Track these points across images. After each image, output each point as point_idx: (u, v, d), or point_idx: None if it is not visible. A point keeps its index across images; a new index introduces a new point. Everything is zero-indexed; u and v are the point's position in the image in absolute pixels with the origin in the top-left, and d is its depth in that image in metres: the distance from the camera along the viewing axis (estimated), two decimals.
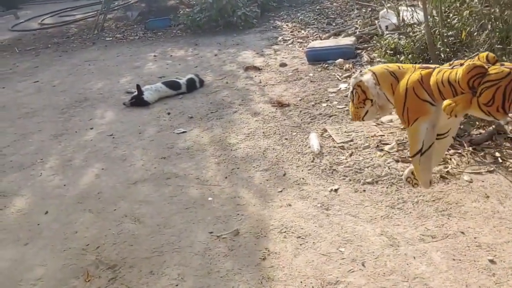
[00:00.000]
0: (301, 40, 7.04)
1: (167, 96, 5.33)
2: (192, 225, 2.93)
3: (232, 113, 4.69)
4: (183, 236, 2.83)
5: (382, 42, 5.55)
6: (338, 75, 5.34)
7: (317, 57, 5.92)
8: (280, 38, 7.39)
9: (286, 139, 3.99)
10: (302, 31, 7.62)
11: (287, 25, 8.32)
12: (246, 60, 6.43)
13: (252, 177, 3.44)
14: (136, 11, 10.42)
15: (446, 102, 2.04)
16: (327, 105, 4.57)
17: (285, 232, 2.77)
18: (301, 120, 4.33)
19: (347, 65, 5.55)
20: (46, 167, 3.94)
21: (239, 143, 4.00)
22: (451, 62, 2.19)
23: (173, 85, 5.39)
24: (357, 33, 6.70)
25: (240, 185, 3.35)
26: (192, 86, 5.47)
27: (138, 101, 5.12)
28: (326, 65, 5.68)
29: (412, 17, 6.00)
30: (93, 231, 2.97)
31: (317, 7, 9.64)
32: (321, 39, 6.92)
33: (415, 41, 4.80)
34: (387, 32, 6.15)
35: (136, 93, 5.28)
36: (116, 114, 4.98)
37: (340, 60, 5.67)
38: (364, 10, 8.54)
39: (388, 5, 6.50)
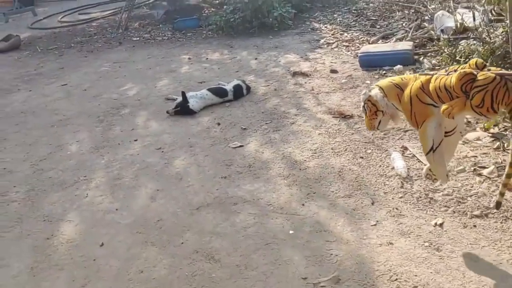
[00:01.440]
0: (346, 44, 6.56)
1: (212, 104, 4.86)
2: (278, 267, 2.47)
3: (290, 124, 4.23)
4: (271, 282, 2.37)
5: (445, 47, 5.04)
6: None
7: (371, 63, 5.45)
8: (322, 41, 6.91)
9: (361, 157, 3.52)
10: (345, 34, 7.13)
11: (326, 27, 7.84)
12: (290, 65, 5.97)
13: (334, 205, 2.97)
14: (162, 10, 9.97)
15: (443, 106, 2.30)
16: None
17: (396, 280, 2.31)
18: (372, 134, 3.85)
19: (408, 72, 5.05)
20: (91, 186, 3.49)
21: (307, 161, 3.54)
22: (446, 69, 2.42)
23: (219, 92, 4.94)
24: (409, 37, 6.19)
25: (323, 215, 2.88)
26: (239, 93, 5.02)
27: (183, 110, 4.68)
28: (384, 72, 5.20)
29: (474, 20, 5.53)
30: (161, 271, 2.52)
31: (353, 8, 9.15)
32: (368, 43, 6.44)
33: (494, 48, 4.30)
34: (445, 36, 5.66)
35: (179, 100, 4.83)
36: (160, 124, 4.52)
37: (399, 67, 5.19)
38: (407, 12, 8.06)
39: (439, 9, 6.01)
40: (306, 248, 2.60)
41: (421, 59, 5.47)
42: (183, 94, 4.70)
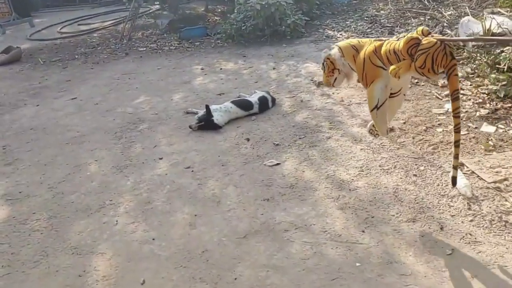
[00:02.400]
0: None
1: (237, 118, 4.56)
2: None
3: (326, 139, 3.93)
4: None
5: (479, 54, 4.78)
6: (435, 92, 4.59)
7: None
8: None
9: (414, 175, 3.23)
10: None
11: (341, 34, 7.58)
12: (311, 75, 5.69)
13: (399, 231, 2.67)
14: (166, 19, 9.68)
15: (392, 67, 2.56)
16: (443, 130, 3.83)
17: None
18: (420, 149, 3.57)
19: (442, 81, 4.79)
20: (120, 212, 3.15)
21: (355, 180, 3.23)
22: (397, 35, 2.81)
23: (244, 104, 4.64)
24: None
25: (389, 243, 2.57)
26: (265, 105, 4.72)
27: (207, 125, 4.37)
28: (416, 81, 4.91)
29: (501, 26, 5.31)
30: None
31: (364, 14, 8.93)
32: None
33: None
34: (473, 43, 5.41)
35: (201, 114, 4.53)
36: (184, 140, 4.20)
37: None
38: (422, 19, 7.84)
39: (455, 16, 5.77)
40: (380, 284, 2.29)
41: None
42: (207, 107, 4.39)
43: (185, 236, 2.83)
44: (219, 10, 11.92)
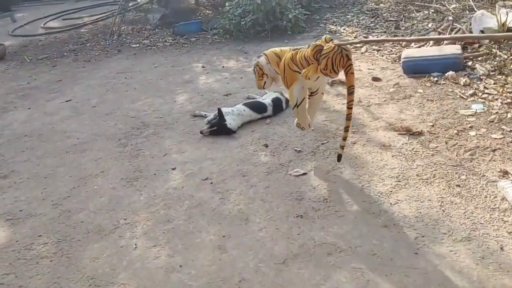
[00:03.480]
0: (377, 47, 6.02)
1: (250, 121, 4.25)
2: None
3: (351, 144, 3.66)
4: None
5: (501, 50, 4.54)
6: (458, 92, 4.35)
7: (417, 69, 4.94)
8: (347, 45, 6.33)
9: (457, 185, 2.98)
10: (370, 37, 6.60)
11: (344, 29, 7.30)
12: None
13: (455, 252, 2.43)
14: (158, 14, 9.26)
15: (303, 71, 3.08)
16: (476, 134, 3.58)
17: None
18: (457, 155, 3.32)
19: (463, 80, 4.55)
20: (137, 233, 2.83)
21: (394, 192, 2.97)
22: (309, 44, 3.19)
23: (257, 106, 4.33)
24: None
25: (447, 267, 2.32)
26: (279, 107, 4.43)
27: (220, 129, 4.05)
28: (435, 79, 4.69)
29: None
30: None
31: (364, 8, 8.66)
32: (401, 46, 5.92)
33: None
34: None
35: (211, 117, 4.23)
36: (196, 148, 3.88)
37: (451, 73, 4.69)
38: (426, 12, 7.61)
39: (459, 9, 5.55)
40: None
41: (469, 64, 4.96)
42: (220, 111, 4.08)
43: (215, 261, 2.53)
44: (210, 3, 11.54)
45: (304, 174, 3.33)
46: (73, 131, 4.51)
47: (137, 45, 7.93)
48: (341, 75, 3.21)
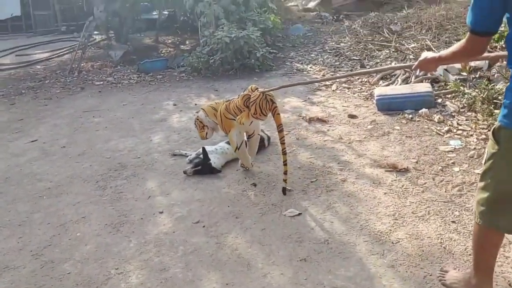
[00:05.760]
0: (347, 85, 6.18)
1: (233, 159, 4.18)
2: None
3: (341, 182, 3.66)
4: None
5: (479, 89, 4.76)
6: (434, 128, 4.50)
7: (391, 106, 5.09)
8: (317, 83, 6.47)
9: (453, 222, 3.02)
10: (337, 75, 6.76)
11: (311, 67, 7.47)
12: (297, 110, 5.46)
13: None
14: (120, 51, 9.12)
15: (237, 118, 3.57)
16: (460, 170, 3.69)
17: None
18: (445, 191, 3.39)
19: (437, 116, 4.72)
20: (132, 283, 2.64)
21: (394, 231, 2.97)
22: (239, 94, 3.70)
23: None
24: (413, 77, 5.94)
25: None
26: (261, 144, 4.38)
27: (205, 169, 3.95)
28: (410, 116, 4.83)
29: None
30: None
31: (325, 47, 8.95)
32: (370, 84, 6.13)
33: None
34: (456, 77, 5.45)
35: (192, 157, 4.13)
36: (182, 189, 3.75)
37: (425, 110, 4.86)
38: (387, 51, 7.94)
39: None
40: None
41: (439, 101, 5.17)
42: (204, 150, 3.98)
43: None
44: (170, 41, 11.56)
45: (299, 214, 3.27)
46: (44, 173, 4.24)
47: (101, 82, 7.73)
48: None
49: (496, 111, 4.36)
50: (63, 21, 14.78)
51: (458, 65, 5.63)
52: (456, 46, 2.03)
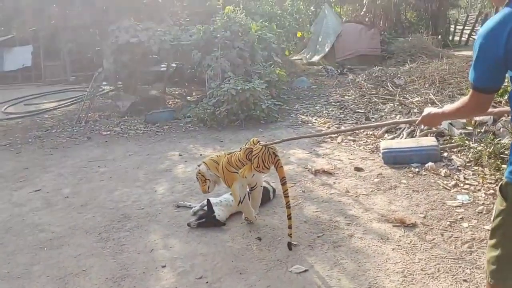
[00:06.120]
0: (352, 138, 6.19)
1: (238, 212, 4.12)
2: None
3: (348, 237, 3.58)
4: None
5: (484, 144, 4.75)
6: (441, 182, 4.45)
7: (397, 160, 5.06)
8: None
9: (464, 280, 2.93)
10: (342, 127, 6.81)
11: (316, 120, 7.53)
12: (302, 162, 5.44)
13: None
14: (128, 101, 9.25)
15: (240, 171, 3.56)
16: (469, 225, 3.61)
17: None
18: (455, 248, 3.30)
19: (443, 170, 4.68)
20: None
21: None
22: (241, 147, 3.68)
23: None
24: (418, 131, 5.96)
25: None
26: (266, 197, 4.34)
27: (209, 221, 3.89)
28: (417, 170, 4.79)
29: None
30: None
31: (330, 99, 9.06)
32: (375, 137, 6.14)
33: None
34: (460, 131, 5.46)
35: (197, 208, 4.10)
36: (185, 242, 3.68)
37: (431, 164, 4.83)
38: (392, 105, 8.01)
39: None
40: None
41: (445, 154, 5.15)
42: (209, 202, 3.94)
43: None
44: (177, 92, 11.75)
45: (306, 271, 3.18)
46: (46, 224, 4.19)
47: (108, 132, 7.79)
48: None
49: (503, 166, 4.33)
50: (72, 71, 15.12)
51: (463, 119, 5.65)
52: (459, 102, 2.03)
